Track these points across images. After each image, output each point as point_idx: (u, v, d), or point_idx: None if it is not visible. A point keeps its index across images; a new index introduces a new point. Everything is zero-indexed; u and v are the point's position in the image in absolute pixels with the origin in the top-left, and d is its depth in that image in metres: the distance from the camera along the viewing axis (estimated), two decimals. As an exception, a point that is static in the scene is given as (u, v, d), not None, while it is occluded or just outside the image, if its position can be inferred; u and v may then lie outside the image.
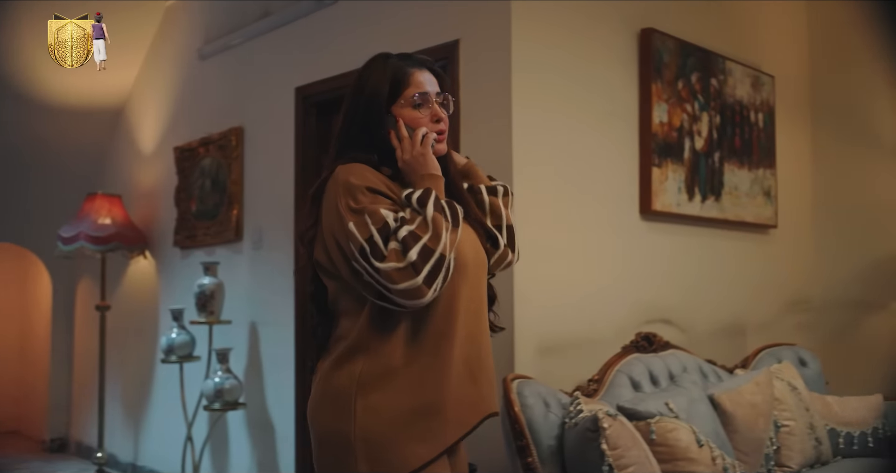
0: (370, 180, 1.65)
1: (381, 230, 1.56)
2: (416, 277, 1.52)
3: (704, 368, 3.04)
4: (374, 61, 1.80)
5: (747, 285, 4.02)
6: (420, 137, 1.71)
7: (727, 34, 4.00)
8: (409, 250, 1.53)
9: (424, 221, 1.57)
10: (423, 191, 1.62)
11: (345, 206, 1.61)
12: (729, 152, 3.89)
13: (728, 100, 3.91)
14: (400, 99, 1.74)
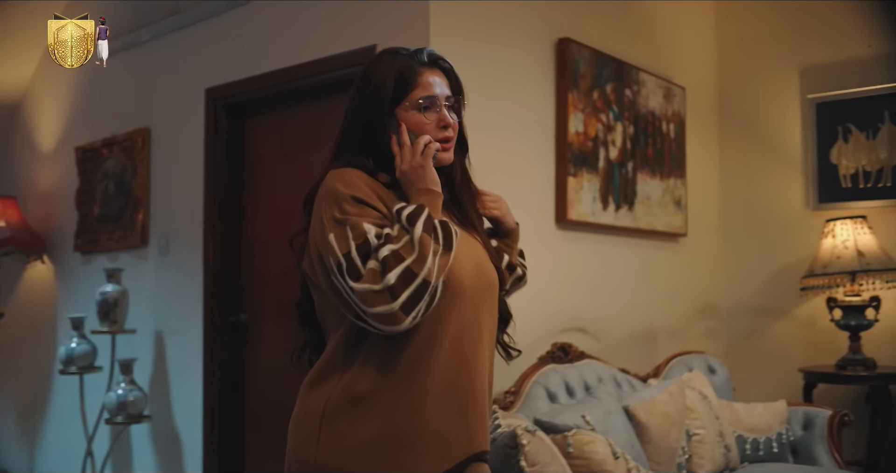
0: (359, 188, 1.50)
1: (361, 247, 1.42)
2: (391, 302, 1.37)
3: (619, 377, 3.06)
4: (381, 57, 1.65)
5: (658, 292, 4.09)
6: (421, 147, 1.55)
7: (641, 46, 4.06)
8: (388, 272, 1.38)
9: (411, 241, 1.41)
10: (414, 207, 1.47)
11: (329, 216, 1.47)
12: (642, 162, 3.95)
13: (641, 110, 3.97)
14: (405, 101, 1.59)
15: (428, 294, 1.40)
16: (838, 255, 3.95)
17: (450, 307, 1.49)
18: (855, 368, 3.89)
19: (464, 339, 1.53)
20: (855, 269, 3.89)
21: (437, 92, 1.61)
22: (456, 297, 1.50)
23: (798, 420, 3.33)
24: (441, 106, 1.61)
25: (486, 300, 1.60)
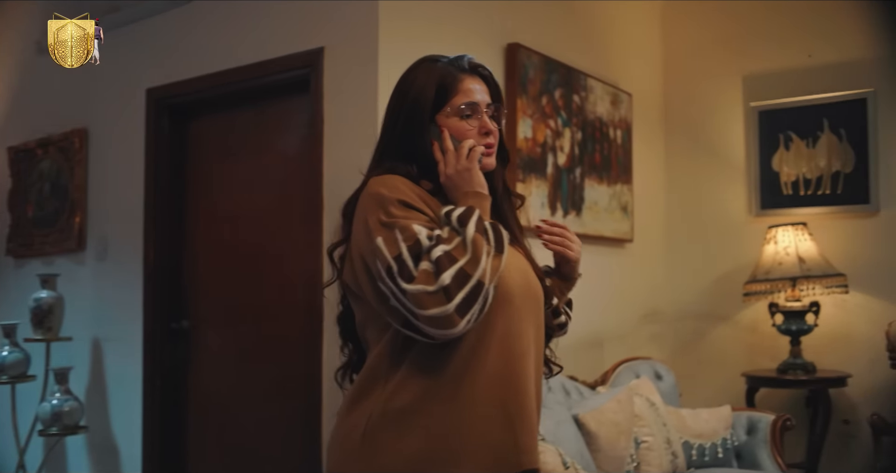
0: (404, 192, 1.47)
1: (412, 248, 1.37)
2: (447, 303, 1.33)
3: (567, 385, 3.06)
4: (421, 63, 1.64)
5: (605, 298, 4.11)
6: (466, 151, 1.53)
7: (589, 52, 4.07)
8: (443, 272, 1.33)
9: (463, 242, 1.38)
10: (465, 209, 1.43)
11: (374, 220, 1.43)
12: (589, 168, 3.96)
13: (589, 116, 3.98)
14: (446, 107, 1.57)
15: (482, 297, 1.36)
16: (780, 261, 4.02)
17: (497, 314, 1.45)
18: (795, 372, 3.96)
19: (512, 349, 1.48)
20: (796, 275, 3.96)
21: (479, 98, 1.59)
22: (504, 305, 1.46)
23: (742, 424, 3.38)
24: (482, 113, 1.59)
25: (533, 312, 1.55)
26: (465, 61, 1.62)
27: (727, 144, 4.57)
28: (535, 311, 1.55)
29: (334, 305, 1.70)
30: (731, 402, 4.23)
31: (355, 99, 2.94)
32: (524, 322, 1.51)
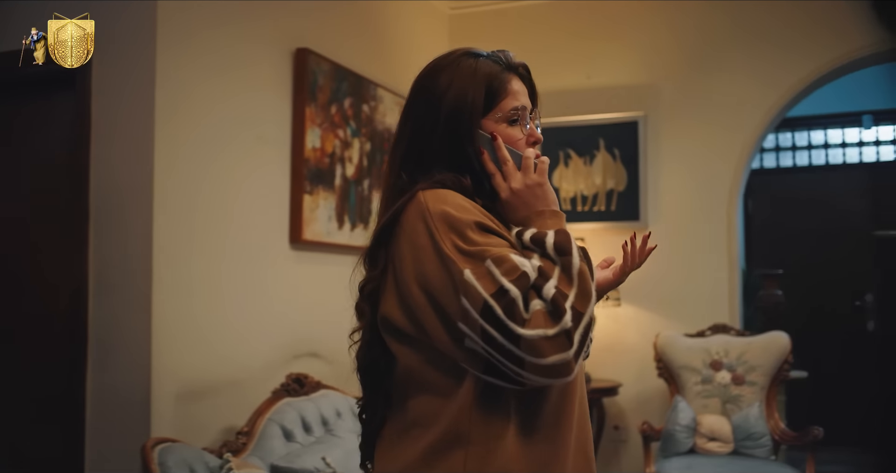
0: (475, 212, 1.20)
1: (518, 282, 1.11)
2: (569, 349, 1.08)
3: (356, 408, 2.93)
4: (460, 60, 1.35)
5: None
6: (533, 163, 1.27)
7: (379, 61, 3.99)
8: (563, 313, 1.09)
9: (568, 274, 1.13)
10: (558, 233, 1.18)
11: (450, 247, 1.16)
12: (378, 180, 3.87)
13: (378, 127, 3.89)
14: (495, 111, 1.31)
15: (590, 335, 1.14)
16: (559, 275, 4.13)
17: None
18: (572, 382, 4.09)
19: (583, 392, 1.28)
20: (574, 289, 4.08)
21: (525, 102, 1.35)
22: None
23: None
24: (530, 119, 1.35)
25: None
26: (510, 58, 1.38)
27: (510, 159, 4.65)
28: None
29: (104, 322, 1.46)
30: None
31: (130, 108, 2.65)
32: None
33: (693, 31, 4.38)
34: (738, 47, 4.28)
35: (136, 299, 2.57)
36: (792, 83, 4.19)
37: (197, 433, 2.62)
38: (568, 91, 4.56)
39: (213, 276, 2.85)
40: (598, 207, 4.49)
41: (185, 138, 2.74)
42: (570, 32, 4.59)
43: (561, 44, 4.61)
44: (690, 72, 4.38)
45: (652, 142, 4.40)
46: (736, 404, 3.79)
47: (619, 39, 4.50)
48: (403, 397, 1.27)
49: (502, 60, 1.36)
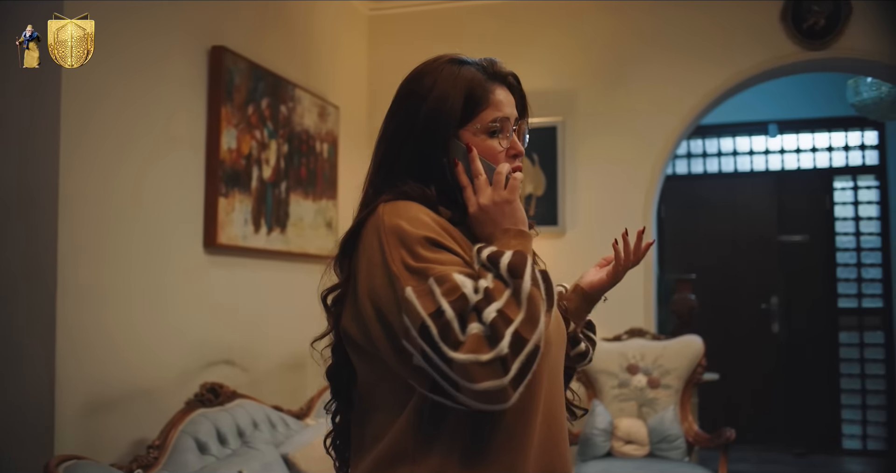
0: (430, 226, 1.16)
1: (456, 304, 1.06)
2: (503, 376, 1.03)
3: (273, 417, 2.85)
4: (443, 65, 1.30)
5: (308, 317, 3.94)
6: (504, 178, 1.22)
7: (297, 61, 3.90)
8: (501, 338, 1.04)
9: (517, 297, 1.08)
10: (513, 254, 1.12)
11: (398, 263, 1.12)
12: (295, 183, 3.78)
13: (296, 128, 3.80)
14: (475, 121, 1.27)
15: (535, 363, 1.07)
16: (479, 280, 4.12)
17: (542, 368, 1.18)
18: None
19: (553, 406, 1.24)
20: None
21: (509, 113, 1.30)
22: (546, 355, 1.16)
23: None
24: (513, 131, 1.31)
25: (562, 356, 1.32)
26: (497, 66, 1.34)
27: (429, 163, 4.63)
28: (561, 355, 1.31)
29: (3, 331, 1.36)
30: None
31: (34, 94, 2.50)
32: (558, 372, 1.29)
33: (611, 38, 4.43)
34: (655, 55, 4.35)
35: (39, 306, 2.42)
36: (706, 92, 4.29)
37: (105, 448, 2.49)
38: (487, 95, 4.55)
39: (123, 282, 2.72)
40: (517, 211, 4.49)
41: (94, 137, 2.60)
42: (488, 36, 4.59)
43: (480, 47, 4.58)
44: (608, 78, 4.43)
45: (570, 147, 4.43)
46: (651, 407, 3.84)
47: (538, 44, 4.53)
48: (364, 409, 1.25)
49: (487, 68, 1.32)
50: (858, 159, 6.27)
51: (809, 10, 4.20)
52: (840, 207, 6.27)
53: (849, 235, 6.23)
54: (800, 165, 6.37)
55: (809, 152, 6.37)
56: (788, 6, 4.22)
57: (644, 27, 4.40)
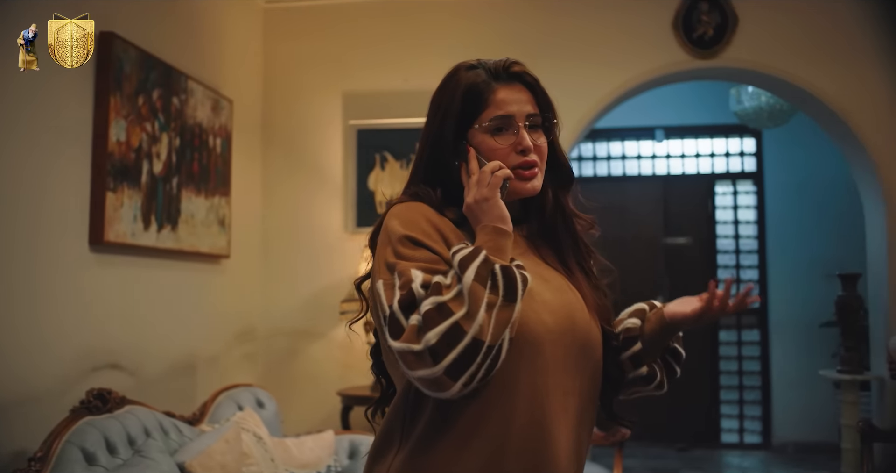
0: (418, 226, 1.28)
1: (405, 298, 1.18)
2: (433, 366, 1.14)
3: (166, 424, 2.71)
4: (456, 70, 1.40)
5: (200, 318, 3.80)
6: (488, 175, 1.29)
7: (190, 51, 3.74)
8: (430, 330, 1.14)
9: (460, 291, 1.17)
10: (470, 250, 1.21)
11: (381, 259, 1.27)
12: (187, 178, 3.63)
13: (189, 121, 3.65)
14: (477, 122, 1.34)
15: (482, 356, 1.16)
16: (377, 280, 4.06)
17: (521, 367, 1.24)
18: (388, 389, 4.03)
19: (545, 408, 1.26)
20: (392, 294, 4.03)
21: (514, 110, 1.35)
22: (529, 354, 1.25)
23: (344, 449, 3.31)
24: (519, 127, 1.35)
25: (578, 361, 1.32)
26: (504, 67, 1.38)
27: (326, 161, 4.54)
28: (581, 358, 1.33)
29: None
30: (329, 422, 4.20)
31: None
32: (561, 373, 1.29)
33: (507, 40, 4.46)
34: (549, 59, 4.39)
35: None
36: (600, 97, 4.37)
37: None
38: (385, 93, 4.50)
39: (6, 283, 2.53)
40: (414, 211, 4.46)
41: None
42: (384, 34, 4.54)
43: (378, 45, 4.54)
44: (506, 80, 4.45)
45: (468, 148, 4.43)
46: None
47: (432, 44, 4.50)
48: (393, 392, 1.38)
49: (493, 69, 1.38)
50: (738, 166, 6.56)
51: (699, 20, 4.35)
52: (721, 211, 6.54)
53: (728, 237, 6.51)
54: (684, 170, 6.61)
55: (693, 158, 6.61)
56: (680, 15, 4.35)
57: (539, 31, 4.44)
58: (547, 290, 1.33)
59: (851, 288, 4.38)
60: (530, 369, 1.26)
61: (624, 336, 1.42)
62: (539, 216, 1.44)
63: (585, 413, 1.35)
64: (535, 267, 1.36)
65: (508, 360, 1.21)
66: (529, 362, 1.26)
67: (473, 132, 1.35)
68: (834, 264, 5.95)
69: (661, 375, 1.46)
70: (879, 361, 4.34)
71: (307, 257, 4.49)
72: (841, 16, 4.28)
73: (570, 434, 1.31)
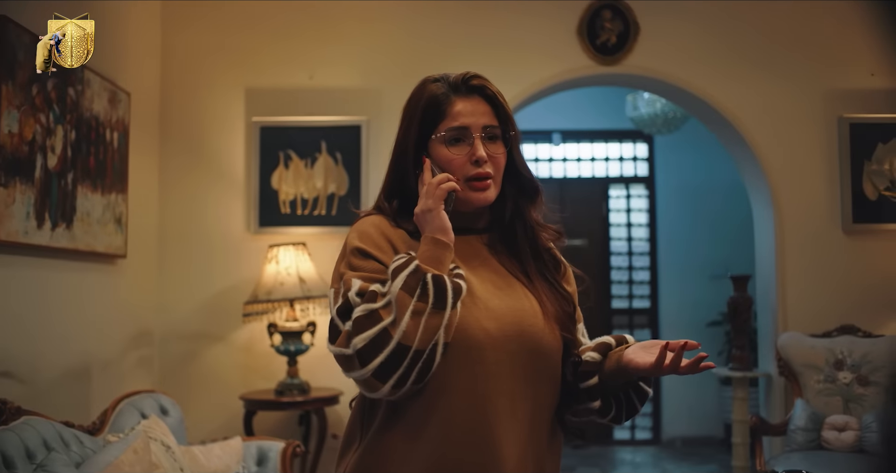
0: (370, 239, 1.37)
1: (344, 305, 1.29)
2: (361, 368, 1.24)
3: (66, 435, 2.54)
4: (421, 83, 1.45)
5: (95, 321, 3.60)
6: (434, 187, 1.34)
7: (86, 40, 3.54)
8: (358, 334, 1.25)
9: (390, 300, 1.26)
10: (402, 260, 1.30)
11: (336, 269, 1.38)
12: (83, 174, 3.43)
13: (85, 114, 3.45)
14: (435, 133, 1.40)
15: (410, 359, 1.24)
16: (282, 281, 3.96)
17: (458, 372, 1.30)
18: (292, 393, 3.94)
19: (487, 410, 1.30)
20: (297, 295, 3.94)
21: (469, 122, 1.39)
22: (469, 359, 1.30)
23: (252, 455, 3.21)
24: (474, 138, 1.39)
25: (528, 367, 1.35)
26: (463, 79, 1.42)
27: (227, 158, 4.40)
28: (530, 364, 1.35)
29: None
30: (226, 426, 4.07)
31: None
32: (507, 380, 1.33)
33: (418, 39, 4.44)
34: (459, 60, 4.39)
35: None
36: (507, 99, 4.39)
37: None
38: (290, 90, 4.40)
39: None
40: (318, 211, 4.38)
41: None
42: (290, 31, 4.44)
43: (283, 40, 4.44)
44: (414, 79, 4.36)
45: (374, 147, 4.38)
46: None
47: (342, 42, 4.44)
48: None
49: (453, 82, 1.42)
50: (631, 170, 6.75)
51: (602, 27, 4.45)
52: (614, 213, 6.72)
53: (622, 240, 6.69)
54: (580, 173, 6.75)
55: (589, 162, 6.76)
56: (584, 22, 4.44)
57: (447, 32, 4.45)
58: (495, 297, 1.36)
59: (742, 289, 4.57)
60: (470, 373, 1.30)
61: (582, 369, 1.43)
62: (499, 226, 1.47)
63: (540, 418, 1.37)
64: (489, 275, 1.40)
65: (447, 363, 1.28)
66: (469, 366, 1.30)
67: (432, 143, 1.41)
68: (721, 266, 6.22)
69: (617, 410, 1.45)
70: (767, 359, 4.55)
71: (207, 258, 4.34)
72: (737, 27, 4.47)
73: (520, 437, 1.33)
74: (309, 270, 4.04)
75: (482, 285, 1.36)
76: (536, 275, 1.45)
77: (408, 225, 1.41)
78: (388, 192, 1.46)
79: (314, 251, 4.17)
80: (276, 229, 4.34)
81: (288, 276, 3.98)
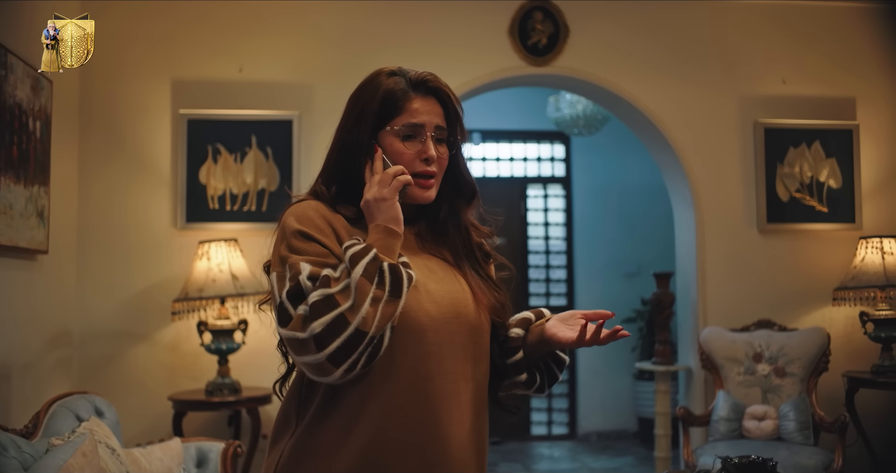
0: (311, 221, 1.37)
1: (293, 289, 1.30)
2: (317, 353, 1.26)
3: (3, 440, 2.39)
4: (375, 74, 1.48)
5: (12, 321, 3.41)
6: (391, 178, 1.38)
7: (9, 23, 3.36)
8: (316, 319, 1.26)
9: (349, 285, 1.28)
10: (361, 247, 1.32)
11: (276, 253, 1.38)
12: (6, 164, 3.25)
13: (8, 101, 3.27)
14: (389, 125, 1.43)
15: (365, 345, 1.27)
16: (214, 278, 3.86)
17: (403, 352, 1.35)
18: (223, 393, 3.84)
19: (428, 390, 1.36)
20: (231, 292, 3.85)
21: (425, 120, 1.44)
22: (412, 341, 1.36)
23: (192, 457, 3.11)
24: (427, 137, 1.44)
25: (467, 347, 1.41)
26: (423, 79, 1.46)
27: (152, 151, 4.25)
28: (469, 345, 1.42)
29: None
30: (154, 428, 3.94)
31: None
32: (449, 360, 1.38)
33: (349, 35, 4.40)
34: (389, 56, 4.30)
35: None
36: (441, 96, 4.41)
37: None
38: (218, 82, 4.29)
39: None
40: (248, 206, 4.28)
41: None
42: (221, 24, 4.32)
43: (212, 31, 4.32)
44: (345, 75, 4.30)
45: (306, 143, 4.32)
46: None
47: (274, 36, 4.36)
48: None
49: (414, 80, 1.46)
50: (549, 170, 6.87)
51: (534, 29, 4.52)
52: (532, 213, 6.82)
53: (539, 239, 6.81)
54: (499, 173, 6.83)
55: (508, 162, 6.85)
56: (515, 22, 4.50)
57: (379, 29, 4.43)
58: (432, 281, 1.43)
59: (665, 286, 4.73)
60: (412, 354, 1.36)
61: (508, 345, 1.53)
62: (432, 220, 1.53)
63: (480, 397, 1.46)
64: (423, 261, 1.46)
65: (391, 346, 1.33)
66: (412, 348, 1.36)
67: (384, 134, 1.44)
68: (634, 265, 6.42)
69: (541, 380, 1.57)
70: (686, 353, 4.72)
71: (130, 254, 4.18)
72: (662, 33, 4.63)
73: (464, 417, 1.40)
74: (241, 266, 3.95)
75: (418, 270, 1.41)
76: (466, 265, 1.52)
77: (346, 211, 1.43)
78: (329, 177, 1.48)
79: (244, 248, 4.07)
80: (204, 225, 4.22)
81: (220, 273, 3.88)
